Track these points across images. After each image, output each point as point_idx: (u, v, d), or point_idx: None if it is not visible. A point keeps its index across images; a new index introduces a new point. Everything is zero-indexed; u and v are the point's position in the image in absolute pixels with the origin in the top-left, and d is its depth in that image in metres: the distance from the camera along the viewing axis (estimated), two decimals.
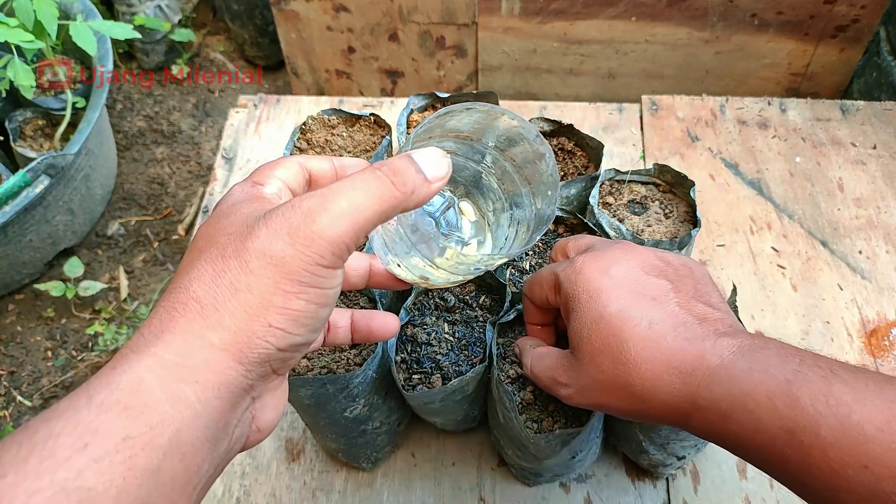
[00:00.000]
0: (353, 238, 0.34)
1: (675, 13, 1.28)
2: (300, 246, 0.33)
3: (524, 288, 0.55)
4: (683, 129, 1.01)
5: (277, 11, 1.41)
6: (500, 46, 1.38)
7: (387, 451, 0.73)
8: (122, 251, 1.49)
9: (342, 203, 0.34)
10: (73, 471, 0.28)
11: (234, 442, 0.35)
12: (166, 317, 0.34)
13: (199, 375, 0.32)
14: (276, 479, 0.73)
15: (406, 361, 0.61)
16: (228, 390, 0.33)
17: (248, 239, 0.34)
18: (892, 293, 0.84)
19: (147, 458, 0.29)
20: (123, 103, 1.73)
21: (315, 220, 0.33)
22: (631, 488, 0.71)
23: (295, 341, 0.35)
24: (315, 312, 0.35)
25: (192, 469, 0.32)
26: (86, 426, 0.29)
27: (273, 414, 0.38)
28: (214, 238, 0.35)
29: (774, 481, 0.71)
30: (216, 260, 0.34)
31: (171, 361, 0.32)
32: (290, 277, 0.33)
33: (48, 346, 1.36)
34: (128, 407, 0.30)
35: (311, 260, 0.33)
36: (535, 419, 0.59)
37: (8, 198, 1.19)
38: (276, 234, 0.33)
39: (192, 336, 0.33)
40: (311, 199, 0.34)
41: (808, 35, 1.28)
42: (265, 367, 0.34)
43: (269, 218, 0.34)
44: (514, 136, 0.46)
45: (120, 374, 0.31)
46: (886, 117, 1.01)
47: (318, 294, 0.34)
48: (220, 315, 0.33)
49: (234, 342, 0.33)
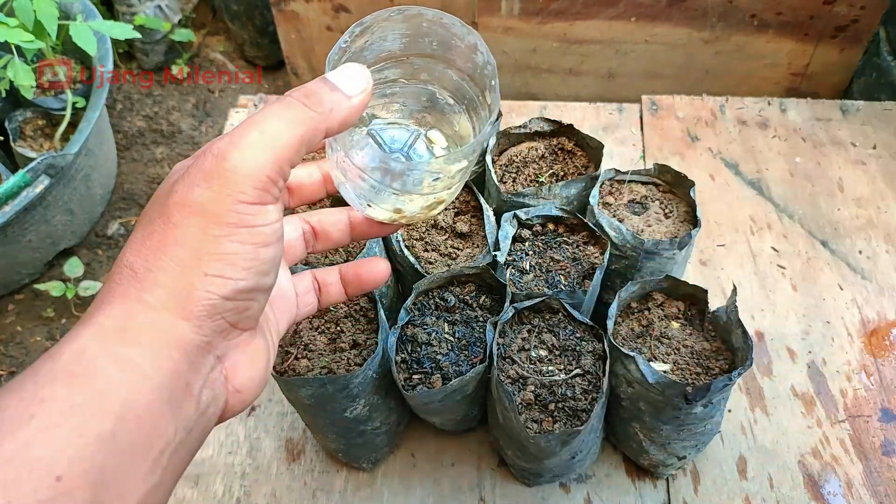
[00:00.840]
0: (273, 168, 0.33)
1: (674, 13, 1.28)
2: (217, 187, 0.32)
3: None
4: (683, 129, 1.01)
5: (277, 11, 1.41)
6: (500, 46, 1.38)
7: (387, 452, 0.73)
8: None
9: (253, 135, 0.33)
10: (20, 442, 0.27)
11: (207, 405, 0.34)
12: (104, 290, 0.33)
13: (143, 337, 0.31)
14: (277, 479, 0.73)
15: (406, 361, 0.61)
16: (180, 349, 0.32)
17: (170, 196, 0.33)
18: (892, 293, 0.84)
19: (99, 424, 0.29)
20: (123, 103, 1.73)
21: (227, 158, 0.32)
22: (631, 488, 0.71)
23: (239, 286, 0.33)
24: (254, 253, 0.33)
25: (155, 433, 0.31)
26: (32, 398, 0.28)
27: (250, 373, 0.37)
28: (145, 212, 0.35)
29: (775, 481, 0.71)
30: (143, 226, 0.34)
31: (111, 327, 0.31)
32: (215, 221, 0.32)
33: (48, 346, 1.36)
34: (73, 374, 0.29)
35: (233, 199, 0.32)
36: (535, 419, 0.58)
37: (8, 198, 1.19)
38: (193, 182, 0.32)
39: (129, 301, 0.32)
40: (221, 140, 0.33)
41: (807, 35, 1.28)
42: (217, 320, 0.33)
43: (188, 171, 0.33)
44: (444, 38, 0.44)
45: (63, 346, 0.31)
46: (886, 117, 1.01)
47: (251, 233, 0.33)
48: (153, 275, 0.32)
49: (173, 298, 0.32)
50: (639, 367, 0.57)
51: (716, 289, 0.85)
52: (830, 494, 0.70)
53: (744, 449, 0.73)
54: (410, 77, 0.46)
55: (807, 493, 0.70)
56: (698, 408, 0.59)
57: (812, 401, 0.76)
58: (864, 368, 0.78)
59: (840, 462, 0.72)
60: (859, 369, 0.78)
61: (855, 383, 0.77)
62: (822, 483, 0.71)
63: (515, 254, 0.67)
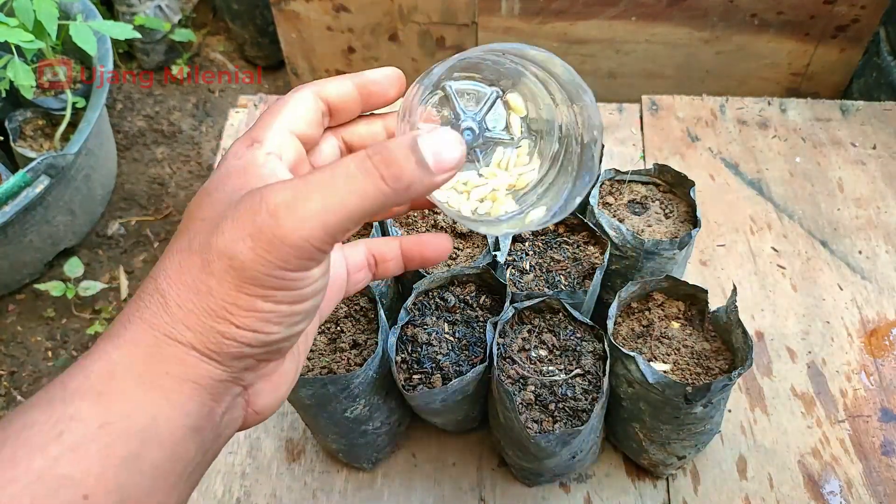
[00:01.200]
0: (325, 241, 0.31)
1: (675, 13, 1.28)
2: (261, 251, 0.30)
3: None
4: (683, 129, 1.01)
5: (277, 11, 1.41)
6: None
7: (387, 452, 0.73)
8: (122, 251, 1.49)
9: (314, 203, 0.30)
10: (49, 458, 0.28)
11: (225, 427, 0.34)
12: (135, 306, 0.33)
13: (171, 368, 0.31)
14: (277, 479, 0.73)
15: (406, 361, 0.61)
16: (207, 382, 0.32)
17: (214, 233, 0.31)
18: (892, 293, 0.84)
19: (124, 447, 0.29)
20: (123, 103, 1.73)
21: (279, 223, 0.30)
22: (631, 488, 0.71)
23: (270, 339, 0.33)
24: (288, 311, 0.33)
25: (177, 457, 0.31)
26: (61, 414, 0.29)
27: (271, 398, 0.37)
28: (191, 221, 0.34)
29: (775, 481, 0.71)
30: (183, 253, 0.33)
31: (140, 353, 0.31)
32: (251, 282, 0.31)
33: (48, 346, 1.36)
34: (101, 394, 0.30)
35: (273, 266, 0.31)
36: (536, 419, 0.59)
37: (8, 198, 1.19)
38: (239, 235, 0.31)
39: (158, 332, 0.32)
40: (281, 193, 0.31)
41: (808, 35, 1.28)
42: (245, 361, 0.33)
43: (237, 209, 0.31)
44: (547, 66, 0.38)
45: (93, 362, 0.31)
46: (886, 117, 1.01)
47: (287, 295, 0.32)
48: (184, 314, 0.32)
49: (202, 342, 0.32)
50: (639, 368, 0.57)
51: (716, 289, 0.85)
52: (830, 494, 0.70)
53: (744, 449, 0.73)
54: (496, 62, 0.41)
55: (807, 493, 0.70)
56: (698, 408, 0.59)
57: (812, 401, 0.76)
58: (864, 368, 0.78)
59: (840, 462, 0.72)
60: (859, 369, 0.78)
61: (855, 383, 0.77)
62: (821, 483, 0.71)
63: (515, 254, 0.67)
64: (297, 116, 0.37)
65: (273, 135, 0.36)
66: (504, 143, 0.42)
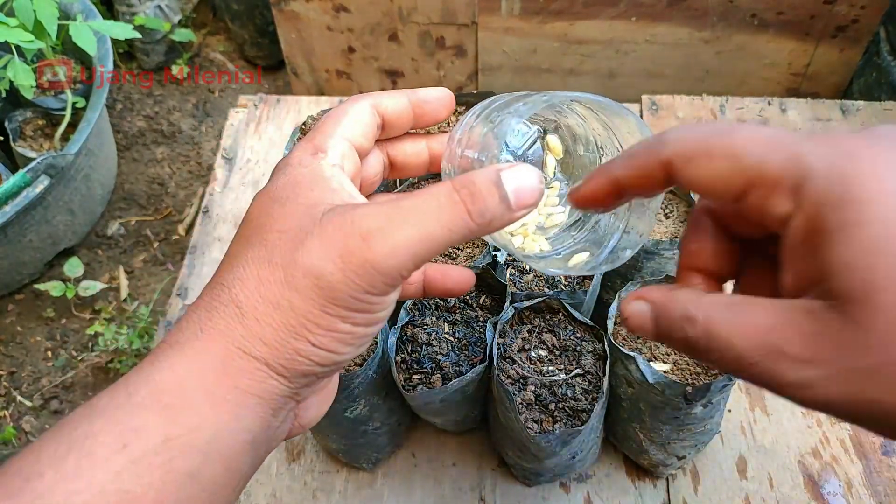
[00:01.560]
0: (410, 268, 0.32)
1: (675, 13, 1.28)
2: (351, 273, 0.31)
3: (699, 203, 0.35)
4: None
5: (277, 11, 1.41)
6: (500, 46, 1.38)
7: (387, 452, 0.73)
8: (122, 251, 1.49)
9: (406, 231, 0.31)
10: (112, 472, 0.28)
11: (273, 440, 0.35)
12: (206, 315, 0.32)
13: (240, 382, 0.32)
14: (277, 479, 0.73)
15: (406, 361, 0.61)
16: (270, 398, 0.33)
17: (299, 250, 0.31)
18: None
19: (187, 462, 0.29)
20: (123, 103, 1.73)
21: (372, 248, 0.30)
22: (631, 488, 0.71)
23: (340, 359, 0.34)
24: (362, 333, 0.33)
25: (233, 471, 0.31)
26: (125, 425, 0.29)
27: (317, 411, 0.38)
28: (264, 231, 0.33)
29: (775, 481, 0.71)
30: (262, 264, 0.32)
31: (210, 365, 0.31)
32: (336, 303, 0.31)
33: (48, 346, 1.36)
34: (168, 406, 0.30)
35: (361, 289, 0.31)
36: (536, 419, 0.59)
37: (8, 198, 1.19)
38: (328, 255, 0.31)
39: (231, 343, 0.32)
40: (374, 219, 0.31)
41: (808, 35, 1.28)
42: (309, 378, 0.34)
43: (324, 228, 0.31)
44: (612, 113, 0.39)
45: (159, 372, 0.31)
46: (886, 117, 1.01)
47: (365, 318, 0.33)
48: (261, 328, 0.32)
49: (275, 357, 0.32)
50: (639, 368, 0.57)
51: None
52: (830, 494, 0.70)
53: (744, 449, 0.73)
54: (555, 109, 0.40)
55: (807, 492, 0.70)
56: (698, 408, 0.59)
57: None
58: None
59: (840, 462, 0.72)
60: None
61: None
62: (821, 483, 0.71)
63: None
64: (356, 127, 0.37)
65: (336, 144, 0.36)
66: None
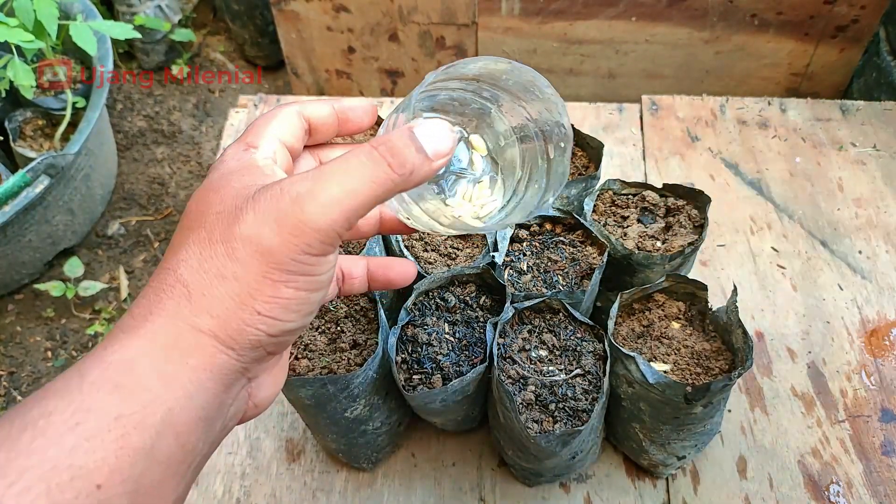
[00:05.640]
0: (343, 225, 0.33)
1: (675, 13, 1.28)
2: (287, 235, 0.32)
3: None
4: (683, 129, 1.01)
5: (277, 11, 1.41)
6: (500, 46, 1.38)
7: (387, 452, 0.73)
8: (122, 251, 1.49)
9: (333, 189, 0.33)
10: (65, 449, 0.28)
11: (229, 419, 0.36)
12: (154, 298, 0.33)
13: (191, 358, 0.32)
14: (277, 479, 0.73)
15: (406, 362, 0.61)
16: (221, 373, 0.33)
17: (236, 223, 0.33)
18: (892, 293, 0.84)
19: (140, 437, 0.30)
20: (123, 103, 1.73)
21: (304, 208, 0.32)
22: (631, 488, 0.71)
23: (287, 327, 0.34)
24: (306, 298, 0.34)
25: (188, 448, 0.32)
26: (78, 405, 0.29)
27: (270, 391, 0.38)
28: (203, 216, 0.35)
29: (775, 481, 0.71)
30: (203, 243, 0.34)
31: (161, 343, 0.32)
32: (277, 267, 0.33)
33: (48, 346, 1.36)
34: (119, 385, 0.30)
35: (299, 249, 0.33)
36: (536, 419, 0.59)
37: (8, 198, 1.19)
38: (263, 221, 0.32)
39: (180, 320, 0.33)
40: (301, 184, 0.33)
41: (808, 35, 1.28)
42: (258, 351, 0.34)
43: (257, 201, 0.33)
44: (525, 82, 0.42)
45: (111, 354, 0.31)
46: (886, 117, 1.01)
47: (307, 281, 0.34)
48: (207, 301, 0.33)
49: (223, 328, 0.33)
50: (639, 368, 0.57)
51: (716, 289, 0.85)
52: (830, 494, 0.70)
53: (744, 449, 0.73)
54: (472, 91, 0.44)
55: (807, 492, 0.70)
56: (698, 408, 0.59)
57: (812, 401, 0.76)
58: (864, 368, 0.78)
59: (840, 462, 0.72)
60: (859, 369, 0.78)
61: (855, 383, 0.77)
62: (822, 483, 0.71)
63: (513, 254, 0.67)
64: (285, 128, 0.39)
65: (267, 141, 0.38)
66: (466, 177, 0.46)
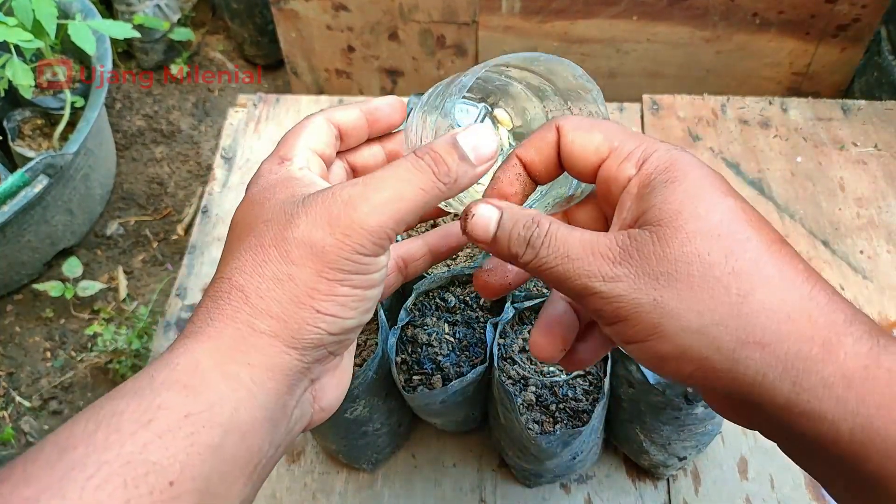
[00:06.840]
0: (393, 227, 0.34)
1: (676, 12, 1.27)
2: (340, 235, 0.33)
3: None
4: (684, 129, 1.01)
5: (277, 10, 1.41)
6: (500, 45, 1.38)
7: (387, 453, 0.73)
8: (121, 251, 1.49)
9: (385, 192, 0.34)
10: (139, 444, 0.29)
11: (294, 423, 0.36)
12: (212, 306, 0.34)
13: (251, 359, 0.33)
14: (277, 480, 0.73)
15: (406, 362, 0.61)
16: (283, 373, 0.34)
17: (288, 228, 0.34)
18: (893, 293, 0.84)
19: (208, 435, 0.30)
20: (122, 103, 1.73)
21: (356, 209, 0.33)
22: (631, 489, 0.71)
23: (347, 325, 0.35)
24: (362, 295, 0.35)
25: (253, 448, 0.32)
26: (149, 403, 0.30)
27: (335, 394, 0.39)
28: (251, 226, 0.35)
29: (776, 481, 0.70)
30: (255, 249, 0.34)
31: (223, 345, 0.33)
32: (331, 266, 0.33)
33: (47, 346, 1.36)
34: (187, 386, 0.31)
35: (352, 249, 0.33)
36: (537, 420, 0.58)
37: (6, 198, 1.19)
38: (316, 223, 0.33)
39: (240, 323, 0.33)
40: (352, 188, 0.34)
41: (809, 34, 1.28)
42: (320, 350, 0.35)
43: (308, 205, 0.34)
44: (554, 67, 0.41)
45: (177, 357, 0.32)
46: (887, 117, 1.01)
47: (362, 280, 0.35)
48: (265, 304, 0.33)
49: (284, 329, 0.33)
50: (640, 368, 0.57)
51: None
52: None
53: (745, 449, 0.73)
54: (497, 73, 0.43)
55: (808, 493, 0.70)
56: (699, 408, 0.59)
57: None
58: None
59: None
60: None
61: None
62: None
63: None
64: (316, 138, 0.40)
65: (300, 152, 0.39)
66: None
